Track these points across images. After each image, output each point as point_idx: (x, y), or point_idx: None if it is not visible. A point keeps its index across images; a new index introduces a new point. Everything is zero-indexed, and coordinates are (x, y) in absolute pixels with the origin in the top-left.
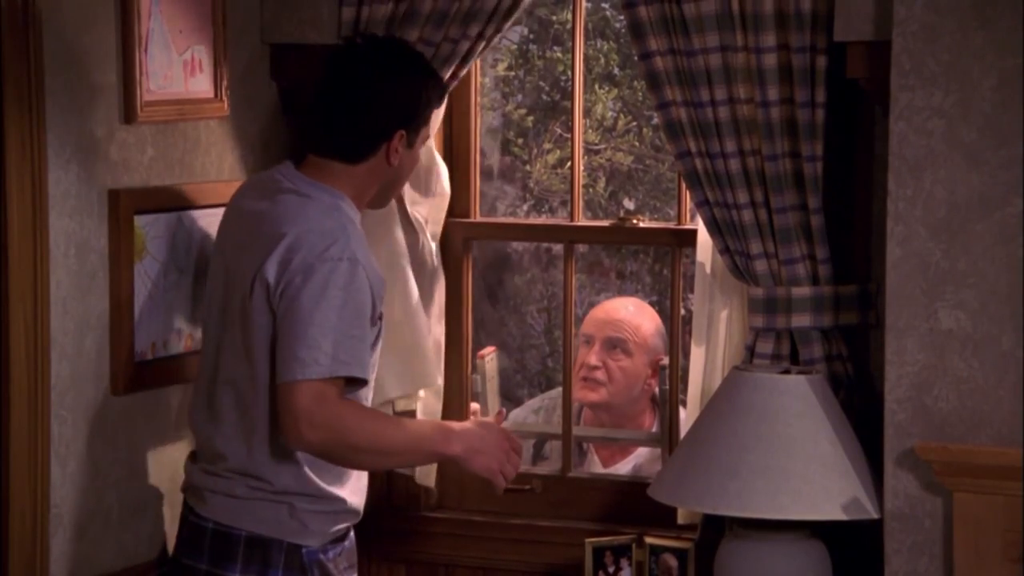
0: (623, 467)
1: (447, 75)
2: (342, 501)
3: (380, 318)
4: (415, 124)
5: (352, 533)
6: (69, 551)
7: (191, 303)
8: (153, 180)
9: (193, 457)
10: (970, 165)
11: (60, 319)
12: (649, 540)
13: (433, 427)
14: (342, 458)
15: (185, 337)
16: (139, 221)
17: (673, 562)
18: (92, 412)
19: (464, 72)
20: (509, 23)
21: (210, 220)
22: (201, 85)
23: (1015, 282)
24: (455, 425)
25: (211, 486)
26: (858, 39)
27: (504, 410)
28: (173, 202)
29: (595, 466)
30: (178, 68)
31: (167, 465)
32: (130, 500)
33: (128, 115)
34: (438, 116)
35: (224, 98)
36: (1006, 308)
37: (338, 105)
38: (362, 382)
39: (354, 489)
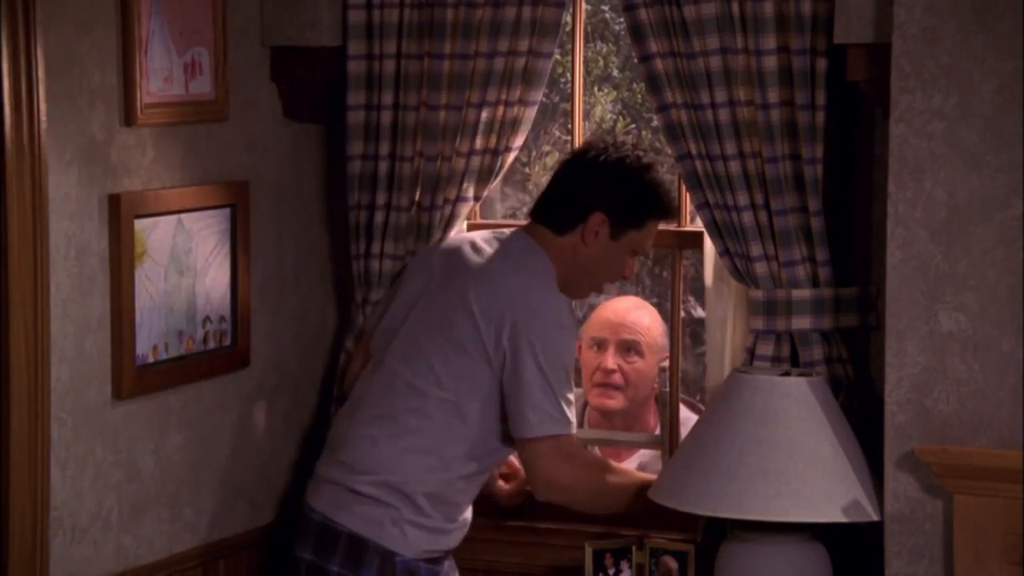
0: (628, 465)
1: (497, 97)
2: (445, 526)
3: None
4: (619, 217)
5: (452, 559)
6: (69, 554)
7: (192, 306)
8: (153, 183)
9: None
10: (970, 167)
11: (60, 322)
12: (649, 542)
13: (639, 482)
14: (580, 507)
15: (186, 340)
16: (139, 224)
17: (673, 564)
18: (92, 415)
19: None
20: (546, 42)
21: (211, 223)
22: (202, 87)
23: (1015, 284)
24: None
25: (330, 477)
26: (858, 41)
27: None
28: (174, 205)
29: None
30: (178, 70)
31: (167, 468)
32: (130, 503)
33: (128, 117)
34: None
35: (224, 100)
36: (1006, 310)
37: (559, 179)
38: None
39: (462, 524)
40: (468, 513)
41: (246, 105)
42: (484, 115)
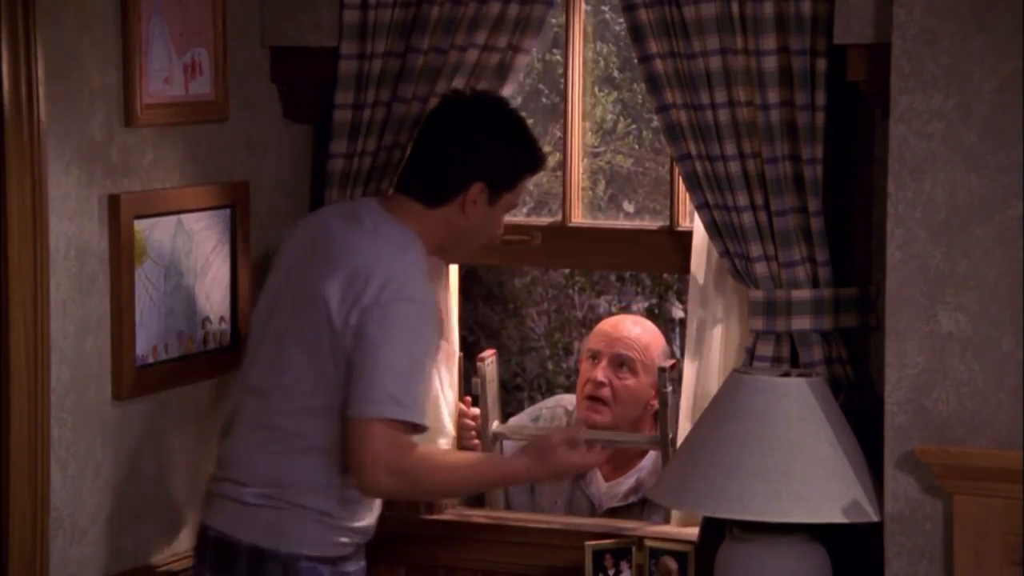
0: (626, 481)
1: (466, 86)
2: (345, 520)
3: None
4: (497, 182)
5: (363, 561)
6: (69, 554)
7: (192, 307)
8: (153, 183)
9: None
10: (970, 168)
11: (60, 322)
12: (649, 543)
13: (499, 475)
14: (402, 499)
15: (186, 340)
16: (139, 224)
17: (673, 565)
18: (92, 415)
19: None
20: (528, 39)
21: (211, 223)
22: (201, 88)
23: (1015, 285)
24: (518, 469)
25: (220, 492)
26: (858, 42)
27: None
28: (173, 205)
29: (598, 481)
30: (178, 71)
31: (168, 468)
32: (130, 503)
33: (128, 118)
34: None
35: (224, 101)
36: (1006, 311)
37: (427, 149)
38: (421, 429)
39: (369, 511)
40: (373, 504)
41: (246, 105)
42: None
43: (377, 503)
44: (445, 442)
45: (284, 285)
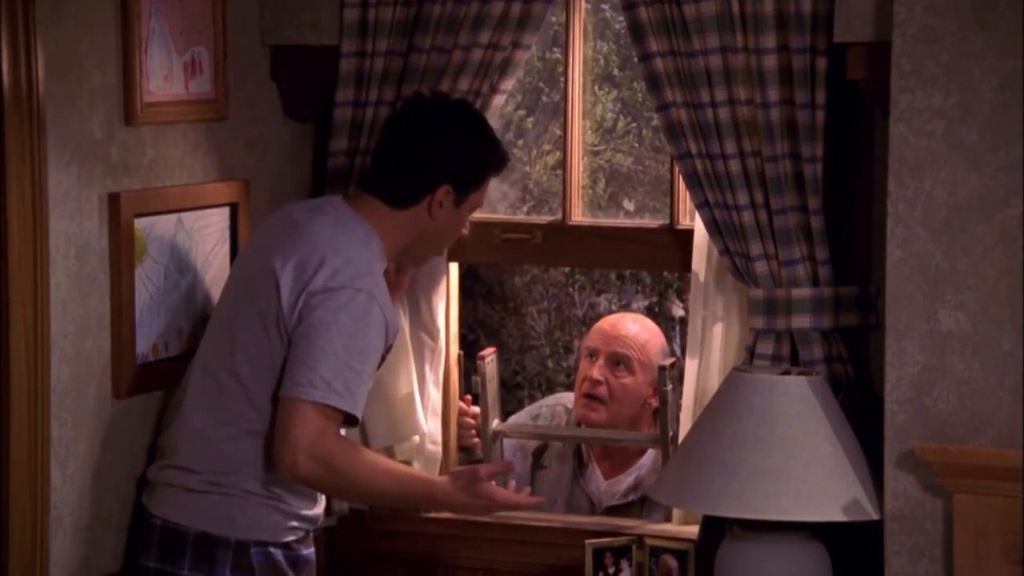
0: (625, 479)
1: (467, 88)
2: (296, 507)
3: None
4: (464, 184)
5: (312, 547)
6: (69, 553)
7: (192, 305)
8: (153, 182)
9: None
10: (970, 167)
11: (60, 321)
12: (649, 541)
13: (422, 489)
14: (322, 491)
15: (186, 338)
16: (139, 223)
17: (673, 563)
18: (92, 414)
19: (498, 90)
20: (528, 35)
21: (211, 221)
22: (202, 87)
23: (1015, 284)
24: (443, 488)
25: (164, 480)
26: (858, 40)
27: (514, 462)
28: (173, 204)
29: (597, 479)
30: (178, 69)
31: None
32: (130, 502)
33: (128, 116)
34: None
35: (224, 100)
36: (1006, 309)
37: (393, 150)
38: (353, 420)
39: (315, 501)
40: (318, 494)
41: (246, 104)
42: None
43: (321, 495)
44: (418, 440)
45: (239, 272)
